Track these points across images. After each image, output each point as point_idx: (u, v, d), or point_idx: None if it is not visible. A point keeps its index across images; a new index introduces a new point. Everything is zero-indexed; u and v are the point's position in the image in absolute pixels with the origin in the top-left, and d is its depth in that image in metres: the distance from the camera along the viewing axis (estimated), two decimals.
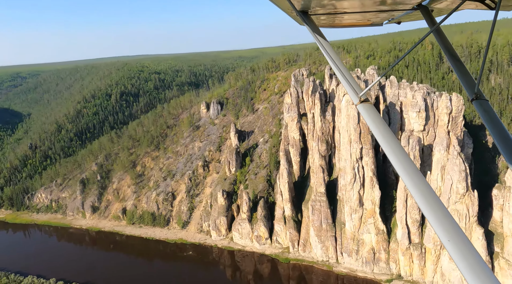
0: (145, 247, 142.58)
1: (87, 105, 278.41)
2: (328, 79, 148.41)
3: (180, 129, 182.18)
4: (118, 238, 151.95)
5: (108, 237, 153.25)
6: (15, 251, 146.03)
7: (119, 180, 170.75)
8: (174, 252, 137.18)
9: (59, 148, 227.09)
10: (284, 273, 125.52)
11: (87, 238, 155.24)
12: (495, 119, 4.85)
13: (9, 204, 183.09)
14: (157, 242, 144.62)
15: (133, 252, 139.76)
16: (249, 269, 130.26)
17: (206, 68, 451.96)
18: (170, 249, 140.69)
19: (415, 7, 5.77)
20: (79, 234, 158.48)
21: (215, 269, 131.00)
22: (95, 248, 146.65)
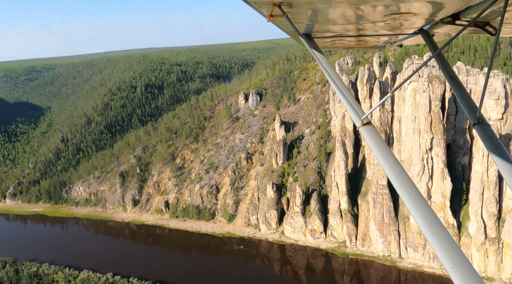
0: (192, 241, 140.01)
1: (114, 98, 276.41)
2: (377, 68, 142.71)
3: (218, 121, 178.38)
4: (162, 232, 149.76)
5: (153, 231, 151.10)
6: (60, 245, 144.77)
7: (159, 173, 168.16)
8: (224, 246, 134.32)
9: (91, 140, 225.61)
10: (339, 268, 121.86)
11: (131, 231, 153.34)
12: (497, 144, 4.81)
13: (47, 197, 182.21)
14: (203, 236, 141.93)
15: (181, 246, 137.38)
16: (301, 263, 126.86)
17: (225, 60, 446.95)
18: (218, 243, 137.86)
19: (417, 32, 5.86)
20: (122, 228, 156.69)
21: (266, 263, 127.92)
22: (141, 242, 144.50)
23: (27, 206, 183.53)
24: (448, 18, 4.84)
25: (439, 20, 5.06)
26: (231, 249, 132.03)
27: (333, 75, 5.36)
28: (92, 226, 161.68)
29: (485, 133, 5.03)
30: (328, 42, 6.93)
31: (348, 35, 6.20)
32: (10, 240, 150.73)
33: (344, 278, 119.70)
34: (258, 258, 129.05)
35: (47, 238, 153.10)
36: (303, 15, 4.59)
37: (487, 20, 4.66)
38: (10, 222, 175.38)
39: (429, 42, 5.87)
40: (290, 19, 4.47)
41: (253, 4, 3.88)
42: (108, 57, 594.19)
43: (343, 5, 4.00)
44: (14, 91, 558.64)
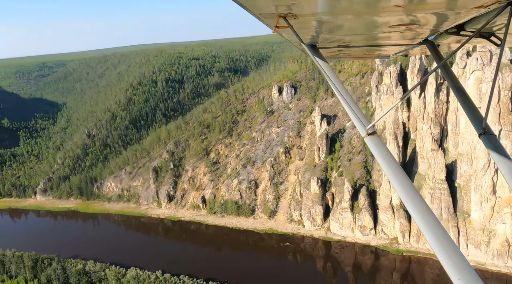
0: (234, 237, 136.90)
1: (136, 92, 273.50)
2: (424, 57, 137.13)
3: (251, 114, 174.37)
4: (200, 228, 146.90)
5: (190, 227, 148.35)
6: (98, 242, 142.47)
7: (193, 168, 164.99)
8: (268, 243, 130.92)
9: (117, 136, 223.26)
10: (389, 265, 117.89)
11: (169, 228, 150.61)
12: (503, 154, 4.80)
13: (78, 193, 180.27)
14: (244, 232, 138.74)
15: (224, 243, 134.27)
16: (348, 260, 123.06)
17: (241, 54, 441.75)
18: (262, 239, 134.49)
19: (422, 42, 5.91)
20: (158, 224, 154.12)
21: (313, 260, 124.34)
22: (180, 238, 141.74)
23: (58, 202, 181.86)
24: (453, 29, 4.84)
25: (444, 31, 5.06)
26: (277, 246, 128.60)
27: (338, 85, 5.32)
28: (127, 222, 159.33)
29: (491, 143, 4.97)
30: (333, 52, 6.96)
31: (353, 45, 6.29)
32: (47, 236, 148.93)
33: (394, 276, 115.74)
34: (304, 255, 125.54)
35: (83, 235, 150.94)
36: (308, 26, 4.63)
37: (492, 31, 4.65)
38: (42, 218, 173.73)
39: (434, 52, 5.86)
40: (295, 30, 4.52)
41: (258, 15, 3.96)
42: (120, 52, 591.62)
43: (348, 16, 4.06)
44: (27, 87, 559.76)
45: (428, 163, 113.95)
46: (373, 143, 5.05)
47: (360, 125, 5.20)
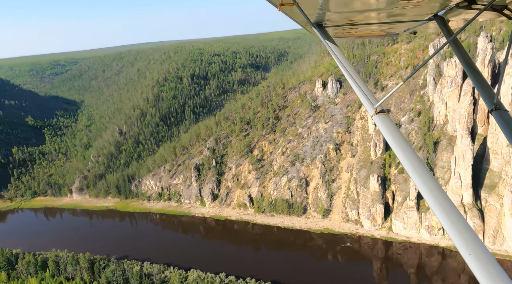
0: (288, 238, 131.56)
1: (163, 89, 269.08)
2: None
3: (294, 110, 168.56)
4: (250, 228, 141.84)
5: (238, 226, 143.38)
6: (146, 242, 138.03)
7: (236, 165, 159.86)
8: (327, 243, 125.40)
9: (148, 133, 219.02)
10: (457, 267, 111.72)
11: (216, 227, 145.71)
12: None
13: (116, 191, 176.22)
14: (298, 232, 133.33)
15: (280, 243, 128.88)
16: (412, 261, 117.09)
17: (260, 50, 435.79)
18: (319, 239, 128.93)
19: (431, 18, 5.82)
20: (204, 223, 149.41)
21: (375, 261, 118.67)
22: (231, 239, 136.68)
23: (95, 200, 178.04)
24: (464, 3, 4.70)
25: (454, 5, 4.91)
26: (337, 246, 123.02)
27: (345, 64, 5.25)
28: (170, 222, 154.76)
29: (503, 119, 4.94)
30: (340, 31, 6.72)
31: (360, 23, 6.18)
32: (91, 236, 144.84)
33: (461, 278, 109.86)
34: (366, 256, 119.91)
35: (128, 234, 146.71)
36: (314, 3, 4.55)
37: (505, 3, 4.48)
38: (80, 217, 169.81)
39: (444, 28, 5.72)
40: (301, 7, 4.44)
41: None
42: (135, 49, 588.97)
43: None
44: (41, 85, 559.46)
45: (503, 159, 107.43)
46: (382, 122, 4.91)
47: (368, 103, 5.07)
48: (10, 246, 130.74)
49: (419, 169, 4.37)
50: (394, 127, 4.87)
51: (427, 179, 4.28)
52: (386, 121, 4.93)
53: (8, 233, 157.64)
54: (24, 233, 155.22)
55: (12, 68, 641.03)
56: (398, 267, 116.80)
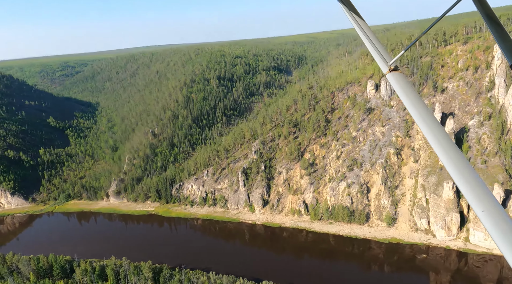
0: (353, 247, 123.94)
1: (191, 90, 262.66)
2: None
3: (345, 112, 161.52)
4: (309, 236, 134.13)
5: (296, 235, 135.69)
6: (201, 249, 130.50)
7: (287, 170, 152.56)
8: (400, 255, 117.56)
9: (182, 135, 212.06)
10: None
11: (271, 235, 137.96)
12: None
13: (156, 195, 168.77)
14: (362, 242, 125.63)
15: (349, 255, 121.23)
16: (492, 275, 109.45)
17: (280, 53, 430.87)
18: (376, 249, 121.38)
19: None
20: (256, 231, 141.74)
21: (446, 274, 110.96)
22: (293, 248, 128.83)
23: (134, 205, 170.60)
24: None
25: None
26: (412, 258, 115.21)
27: (358, 19, 5.10)
28: (219, 228, 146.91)
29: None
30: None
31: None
32: (138, 242, 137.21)
33: None
34: (438, 267, 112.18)
35: (177, 241, 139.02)
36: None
37: None
38: (117, 221, 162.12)
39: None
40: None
41: None
42: (148, 51, 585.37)
43: None
44: (52, 86, 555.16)
45: None
46: (395, 79, 4.83)
47: (382, 61, 4.95)
48: (52, 251, 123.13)
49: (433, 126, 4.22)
50: (409, 85, 4.75)
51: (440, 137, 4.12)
52: (400, 79, 4.75)
53: (47, 238, 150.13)
54: (64, 238, 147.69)
55: (23, 69, 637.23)
56: (476, 281, 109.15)
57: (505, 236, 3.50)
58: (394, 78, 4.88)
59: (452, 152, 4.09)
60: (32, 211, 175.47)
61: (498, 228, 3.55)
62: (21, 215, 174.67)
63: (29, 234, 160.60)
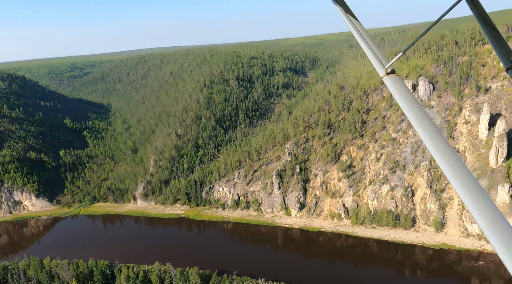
0: (401, 253, 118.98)
1: (212, 91, 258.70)
2: None
3: (381, 113, 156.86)
4: (348, 240, 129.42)
5: (334, 239, 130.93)
6: (240, 254, 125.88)
7: (323, 172, 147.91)
8: (455, 262, 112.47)
9: (207, 137, 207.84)
10: None
11: (313, 240, 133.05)
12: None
13: (186, 198, 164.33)
14: (406, 247, 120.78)
15: (387, 260, 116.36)
16: None
17: (294, 54, 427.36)
18: (431, 255, 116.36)
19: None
20: (295, 235, 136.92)
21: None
22: (342, 255, 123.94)
23: (162, 207, 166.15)
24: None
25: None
26: (463, 265, 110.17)
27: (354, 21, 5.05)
28: (255, 232, 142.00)
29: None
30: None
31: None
32: (174, 247, 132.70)
33: None
34: (494, 276, 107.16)
35: (212, 245, 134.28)
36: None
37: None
38: (143, 224, 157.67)
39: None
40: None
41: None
42: (161, 52, 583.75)
43: None
44: (61, 88, 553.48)
45: None
46: (392, 83, 4.80)
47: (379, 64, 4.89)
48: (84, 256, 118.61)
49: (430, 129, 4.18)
50: (405, 89, 4.66)
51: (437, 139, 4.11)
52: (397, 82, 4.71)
53: (75, 242, 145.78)
54: (94, 241, 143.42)
55: (31, 70, 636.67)
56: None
57: (501, 238, 3.42)
58: (391, 81, 4.81)
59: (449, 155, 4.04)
60: (57, 213, 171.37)
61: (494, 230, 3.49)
62: (46, 218, 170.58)
63: (55, 237, 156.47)
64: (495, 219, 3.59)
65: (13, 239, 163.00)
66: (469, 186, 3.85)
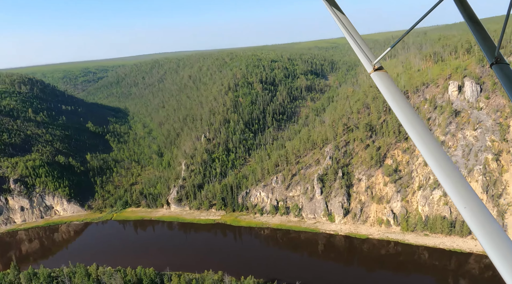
0: (449, 262, 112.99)
1: (237, 94, 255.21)
2: None
3: (426, 115, 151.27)
4: (396, 248, 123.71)
5: (381, 246, 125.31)
6: (289, 263, 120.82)
7: (367, 177, 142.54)
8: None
9: (237, 140, 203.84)
10: None
11: (363, 247, 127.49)
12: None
13: (222, 203, 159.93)
14: (465, 256, 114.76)
15: (446, 270, 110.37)
16: None
17: (313, 57, 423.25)
18: (493, 265, 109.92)
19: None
20: (342, 243, 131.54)
21: None
22: (394, 264, 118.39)
23: (197, 213, 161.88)
24: None
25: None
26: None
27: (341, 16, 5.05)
28: (299, 240, 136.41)
29: (503, 72, 4.79)
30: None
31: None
32: (219, 254, 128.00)
33: None
34: None
35: (256, 252, 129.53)
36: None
37: None
38: (176, 229, 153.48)
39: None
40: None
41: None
42: (175, 56, 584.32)
43: None
44: (76, 92, 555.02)
45: None
46: (379, 79, 4.80)
47: (366, 60, 4.90)
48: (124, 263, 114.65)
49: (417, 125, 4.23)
50: (393, 85, 4.71)
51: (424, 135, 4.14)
52: (385, 78, 4.71)
53: (112, 248, 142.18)
54: (131, 247, 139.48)
55: (45, 75, 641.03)
56: None
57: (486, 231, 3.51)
58: (379, 77, 4.79)
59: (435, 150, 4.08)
60: (89, 218, 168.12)
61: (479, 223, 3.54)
62: (77, 223, 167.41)
63: (90, 243, 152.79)
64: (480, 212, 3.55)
65: (46, 245, 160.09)
66: (455, 180, 3.83)
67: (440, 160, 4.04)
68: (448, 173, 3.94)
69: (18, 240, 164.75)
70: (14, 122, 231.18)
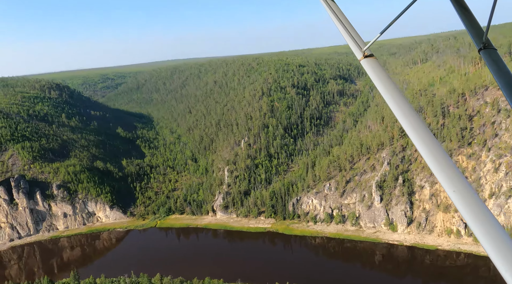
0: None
1: (272, 99, 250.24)
2: None
3: (488, 119, 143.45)
4: (471, 260, 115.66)
5: (450, 258, 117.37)
6: (355, 276, 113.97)
7: (431, 184, 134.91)
8: None
9: (278, 146, 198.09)
10: None
11: (423, 259, 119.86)
12: (504, 69, 4.66)
13: (271, 211, 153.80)
14: None
15: None
16: None
17: (339, 62, 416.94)
18: None
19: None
20: (398, 252, 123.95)
21: None
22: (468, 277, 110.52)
23: (245, 220, 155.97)
24: None
25: None
26: None
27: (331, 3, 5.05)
28: (363, 250, 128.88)
29: (491, 58, 4.83)
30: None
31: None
32: (283, 265, 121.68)
33: None
34: None
35: (315, 263, 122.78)
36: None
37: None
38: (222, 238, 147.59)
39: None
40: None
41: None
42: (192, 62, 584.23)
43: None
44: (95, 98, 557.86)
45: None
46: (369, 65, 4.82)
47: (356, 47, 4.90)
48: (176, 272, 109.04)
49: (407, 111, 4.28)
50: (383, 71, 4.75)
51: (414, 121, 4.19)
52: (375, 65, 4.74)
53: (162, 256, 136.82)
54: (183, 256, 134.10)
55: (65, 81, 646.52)
56: None
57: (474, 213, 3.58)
58: (369, 64, 4.80)
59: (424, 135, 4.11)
60: (133, 226, 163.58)
61: (468, 206, 3.60)
62: (120, 230, 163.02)
63: (137, 251, 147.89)
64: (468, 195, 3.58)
65: (89, 252, 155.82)
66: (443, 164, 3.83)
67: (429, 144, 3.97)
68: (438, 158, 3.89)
69: (60, 247, 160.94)
70: (50, 128, 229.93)
